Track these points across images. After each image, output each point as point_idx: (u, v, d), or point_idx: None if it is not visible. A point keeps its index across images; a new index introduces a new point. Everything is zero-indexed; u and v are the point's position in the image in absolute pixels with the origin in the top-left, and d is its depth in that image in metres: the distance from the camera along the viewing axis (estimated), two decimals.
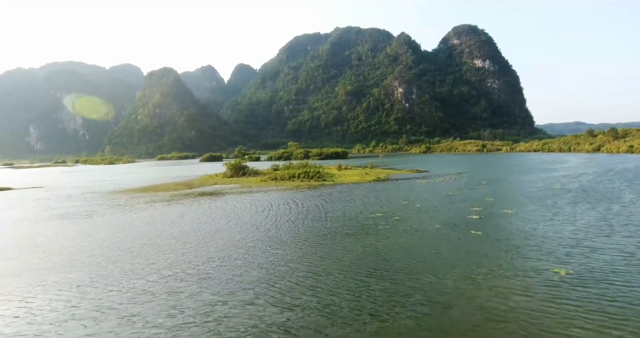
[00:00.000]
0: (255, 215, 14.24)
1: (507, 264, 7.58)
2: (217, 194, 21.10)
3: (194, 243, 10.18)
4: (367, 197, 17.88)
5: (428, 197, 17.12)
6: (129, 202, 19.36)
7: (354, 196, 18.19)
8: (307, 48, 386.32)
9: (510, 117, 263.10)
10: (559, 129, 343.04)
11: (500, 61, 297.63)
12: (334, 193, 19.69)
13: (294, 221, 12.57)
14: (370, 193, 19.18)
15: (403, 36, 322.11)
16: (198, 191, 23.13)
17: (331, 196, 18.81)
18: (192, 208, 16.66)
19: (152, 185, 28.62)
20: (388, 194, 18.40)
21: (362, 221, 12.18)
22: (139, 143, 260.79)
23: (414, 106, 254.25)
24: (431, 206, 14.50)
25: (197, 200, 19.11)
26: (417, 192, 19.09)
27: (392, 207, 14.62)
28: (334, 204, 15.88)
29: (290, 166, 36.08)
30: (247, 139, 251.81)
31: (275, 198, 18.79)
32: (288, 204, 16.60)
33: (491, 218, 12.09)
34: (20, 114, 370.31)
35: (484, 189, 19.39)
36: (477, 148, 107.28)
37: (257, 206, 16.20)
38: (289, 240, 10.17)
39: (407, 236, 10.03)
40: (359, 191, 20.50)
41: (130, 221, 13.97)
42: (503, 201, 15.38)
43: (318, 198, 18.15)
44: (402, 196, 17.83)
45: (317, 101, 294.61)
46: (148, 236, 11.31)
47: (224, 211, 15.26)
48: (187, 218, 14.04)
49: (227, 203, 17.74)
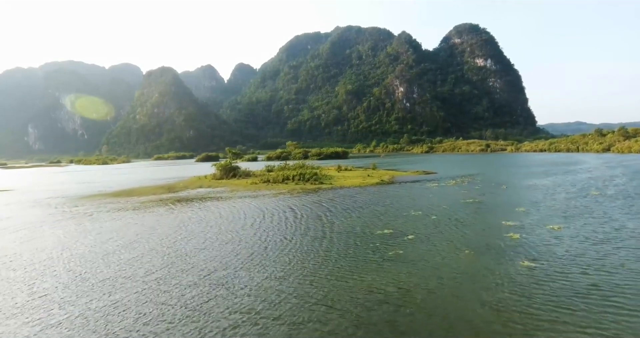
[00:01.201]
0: (233, 231, 11.41)
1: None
2: (198, 201, 18.29)
3: (137, 282, 7.35)
4: (370, 205, 15.04)
5: (444, 205, 14.28)
6: (93, 210, 16.56)
7: (354, 204, 15.35)
8: (307, 47, 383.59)
9: (512, 117, 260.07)
10: (560, 129, 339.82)
11: (502, 60, 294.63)
12: (332, 200, 16.86)
13: (277, 245, 9.71)
14: (374, 200, 16.34)
15: (404, 35, 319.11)
16: (178, 196, 20.30)
17: (328, 203, 15.98)
18: (163, 218, 13.84)
19: (131, 188, 25.80)
20: (395, 202, 15.55)
21: (366, 242, 9.33)
22: (137, 143, 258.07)
23: (415, 106, 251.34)
24: (452, 219, 11.66)
25: (172, 208, 16.29)
26: (430, 198, 16.24)
27: (402, 220, 11.78)
28: (331, 216, 13.03)
29: (285, 167, 33.26)
30: (246, 139, 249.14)
31: (263, 206, 15.96)
32: (276, 215, 13.77)
33: (537, 238, 9.23)
34: (19, 113, 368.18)
35: (508, 195, 16.54)
36: (481, 148, 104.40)
37: (238, 218, 13.37)
38: (268, 278, 7.35)
39: (429, 270, 7.19)
40: (360, 197, 17.67)
41: (73, 238, 11.15)
42: (539, 212, 12.53)
43: (312, 206, 15.31)
44: (412, 203, 15.00)
45: (317, 100, 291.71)
46: (74, 268, 8.48)
47: (198, 224, 12.44)
48: (148, 236, 11.21)
49: (206, 212, 14.91)
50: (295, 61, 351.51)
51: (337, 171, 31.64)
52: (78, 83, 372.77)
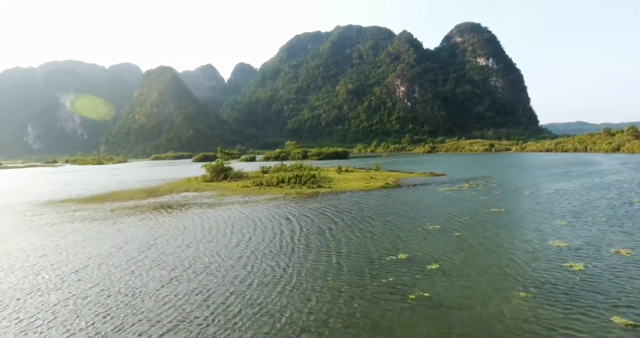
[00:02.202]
0: (212, 254, 9.12)
1: None
2: (179, 208, 16.00)
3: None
4: (376, 216, 12.73)
5: (466, 216, 11.97)
6: (56, 219, 14.29)
7: (356, 215, 13.04)
8: (307, 47, 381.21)
9: (514, 117, 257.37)
10: (561, 128, 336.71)
11: (504, 59, 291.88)
12: (331, 209, 14.56)
13: (266, 279, 7.39)
14: (380, 209, 14.02)
15: (405, 34, 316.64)
16: (158, 202, 18.02)
17: (326, 212, 13.67)
18: (131, 233, 11.56)
19: (111, 192, 23.52)
20: (405, 211, 13.23)
21: (375, 275, 6.96)
22: (135, 143, 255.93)
23: (416, 105, 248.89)
24: (482, 237, 9.34)
25: (146, 218, 14.00)
26: (446, 207, 13.92)
27: (418, 238, 9.47)
28: (330, 233, 10.73)
29: (282, 167, 30.97)
30: (246, 139, 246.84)
31: (253, 215, 13.67)
32: (268, 230, 11.48)
33: (610, 269, 6.83)
34: (18, 113, 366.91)
35: (538, 203, 14.19)
36: (485, 148, 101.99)
37: (222, 233, 11.09)
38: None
39: (472, 332, 4.85)
40: (363, 204, 15.36)
41: (7, 263, 8.86)
42: (587, 226, 10.20)
43: (306, 217, 13.00)
44: (426, 213, 12.69)
45: (317, 100, 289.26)
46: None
47: (171, 242, 10.17)
48: (104, 259, 8.93)
49: (185, 224, 12.63)
50: (295, 61, 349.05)
51: (338, 173, 29.34)
52: (77, 83, 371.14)
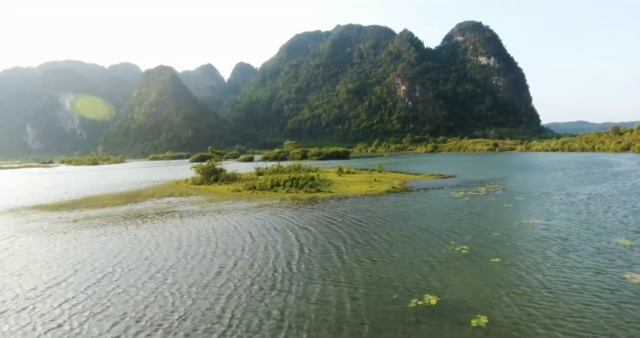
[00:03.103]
0: (181, 292, 6.90)
1: None
2: (155, 218, 13.80)
3: None
4: (389, 229, 10.51)
5: (497, 232, 9.72)
6: (8, 232, 12.10)
7: (366, 228, 10.81)
8: (307, 46, 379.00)
9: (516, 116, 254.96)
10: (562, 128, 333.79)
11: (505, 58, 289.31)
12: (334, 217, 12.35)
13: None
14: (392, 220, 11.79)
15: (405, 33, 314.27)
16: (134, 210, 15.81)
17: (329, 224, 11.45)
18: (85, 254, 9.37)
19: (89, 197, 21.31)
20: (420, 225, 10.98)
21: (395, 327, 4.79)
22: (134, 143, 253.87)
23: (417, 105, 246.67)
24: (532, 267, 7.06)
25: (113, 231, 11.80)
26: (468, 218, 11.68)
27: (446, 268, 7.21)
28: (334, 254, 8.51)
29: (278, 168, 28.76)
30: (246, 139, 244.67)
31: (240, 228, 11.46)
32: (251, 248, 9.28)
33: None
34: (17, 113, 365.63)
35: (578, 213, 11.91)
36: (489, 148, 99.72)
37: (201, 255, 8.89)
38: None
39: None
40: (371, 212, 13.14)
41: None
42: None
43: (306, 230, 10.78)
44: (446, 228, 10.45)
45: (317, 99, 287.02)
46: None
47: (133, 270, 7.96)
48: (38, 296, 6.73)
49: (157, 240, 10.44)
50: (295, 60, 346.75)
51: (338, 175, 27.10)
52: (77, 83, 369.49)
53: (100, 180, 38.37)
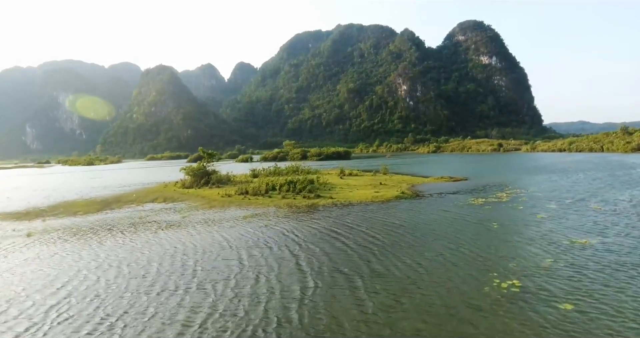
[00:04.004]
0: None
1: None
2: (127, 229, 11.78)
3: None
4: (403, 252, 8.46)
5: (550, 257, 7.61)
6: None
7: (375, 249, 8.76)
8: (308, 46, 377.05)
9: (518, 116, 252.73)
10: (563, 128, 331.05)
11: (507, 58, 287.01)
12: (335, 232, 10.31)
13: None
14: (407, 237, 9.74)
15: (406, 32, 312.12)
16: (107, 218, 13.79)
17: (334, 240, 9.41)
18: (21, 284, 7.37)
19: (63, 202, 19.30)
20: (450, 241, 8.93)
21: None
22: (133, 142, 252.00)
23: (418, 104, 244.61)
24: (615, 313, 5.06)
25: (71, 248, 9.80)
26: (502, 233, 9.62)
27: (492, 318, 5.17)
28: (347, 289, 6.46)
29: (275, 170, 26.74)
30: (246, 139, 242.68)
31: (223, 245, 9.45)
32: (239, 278, 7.28)
33: None
34: (17, 113, 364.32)
35: (634, 227, 9.90)
36: (493, 148, 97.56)
37: (166, 284, 6.90)
38: None
39: None
40: (379, 225, 11.09)
41: None
42: None
43: (308, 250, 8.74)
44: (482, 248, 8.41)
45: (318, 99, 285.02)
46: None
47: (66, 311, 5.95)
48: None
49: (119, 261, 8.46)
50: (296, 60, 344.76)
51: (340, 177, 25.04)
52: (76, 82, 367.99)
53: (89, 182, 36.39)
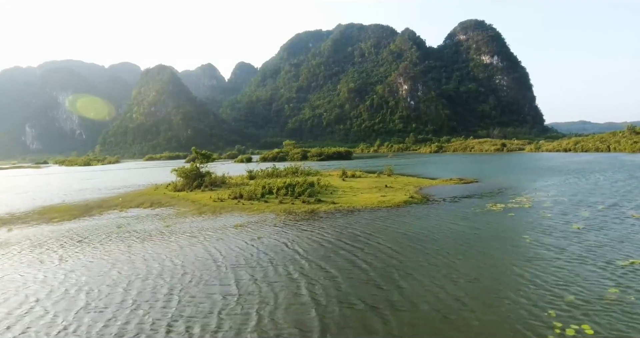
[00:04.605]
0: None
1: None
2: (96, 241, 10.26)
3: None
4: (427, 276, 6.92)
5: (612, 288, 6.06)
6: None
7: (391, 271, 7.21)
8: (308, 45, 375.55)
9: (519, 116, 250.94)
10: (564, 128, 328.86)
11: (509, 57, 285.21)
12: (341, 247, 8.76)
13: None
14: (428, 254, 8.19)
15: (407, 32, 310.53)
16: (79, 227, 12.27)
17: (334, 260, 7.85)
18: None
19: (42, 208, 17.79)
20: (474, 263, 7.40)
21: None
22: (133, 142, 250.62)
23: (419, 104, 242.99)
24: None
25: (15, 268, 8.27)
26: (538, 250, 8.06)
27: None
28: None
29: (273, 171, 25.20)
30: (245, 139, 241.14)
31: (208, 264, 7.93)
32: (224, 320, 5.71)
33: None
34: (16, 112, 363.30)
35: None
36: (496, 148, 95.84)
37: (124, 328, 5.31)
38: None
39: None
40: (391, 238, 9.53)
41: None
42: None
43: (303, 278, 7.18)
44: (515, 271, 6.87)
45: (318, 98, 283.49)
46: None
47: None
48: None
49: (67, 287, 6.95)
50: (296, 59, 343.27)
51: (342, 179, 23.48)
52: (76, 82, 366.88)
53: (80, 184, 34.92)
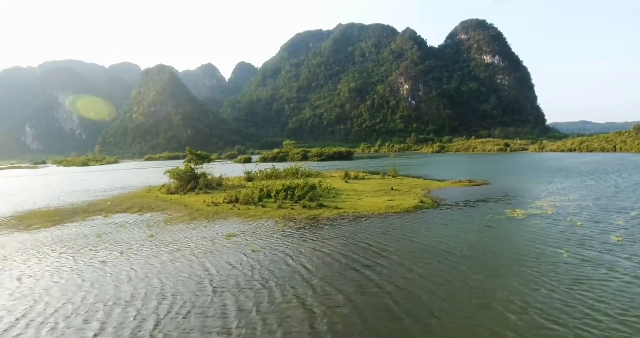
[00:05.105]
0: None
1: None
2: (62, 253, 9.06)
3: None
4: (461, 307, 5.70)
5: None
6: None
7: (415, 296, 5.97)
8: (309, 45, 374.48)
9: (521, 115, 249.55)
10: (565, 128, 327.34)
11: (510, 57, 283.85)
12: (352, 263, 7.54)
13: None
14: (454, 275, 6.98)
15: (408, 31, 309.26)
16: (53, 237, 11.07)
17: (345, 278, 6.63)
18: None
19: (19, 213, 16.61)
20: (512, 289, 6.19)
21: None
22: (132, 142, 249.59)
23: (420, 104, 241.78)
24: None
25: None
26: (581, 267, 6.86)
27: None
28: None
29: (272, 173, 23.98)
30: (246, 139, 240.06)
31: (185, 289, 6.70)
32: None
33: None
34: (16, 112, 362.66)
35: None
36: (499, 148, 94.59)
37: None
38: None
39: None
40: (409, 252, 8.31)
41: None
42: None
43: (312, 302, 5.93)
44: (565, 298, 5.66)
45: (319, 98, 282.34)
46: None
47: None
48: None
49: (10, 311, 5.68)
50: (296, 59, 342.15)
51: (345, 181, 22.26)
52: (76, 82, 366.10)
53: (74, 185, 33.74)
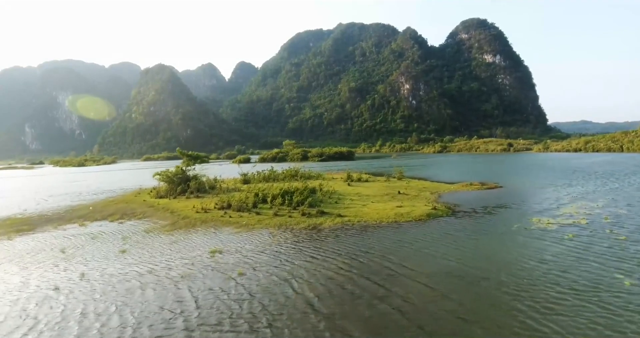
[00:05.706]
0: None
1: None
2: (17, 273, 7.63)
3: None
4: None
5: None
6: None
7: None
8: (309, 45, 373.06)
9: (522, 115, 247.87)
10: (566, 128, 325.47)
11: (511, 56, 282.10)
12: (364, 298, 6.11)
13: None
14: (504, 311, 5.50)
15: (409, 31, 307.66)
16: (9, 251, 9.67)
17: (366, 321, 5.21)
18: None
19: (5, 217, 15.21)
20: (584, 331, 4.78)
21: None
22: (132, 142, 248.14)
23: (421, 103, 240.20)
24: None
25: None
26: (636, 297, 5.49)
27: None
28: None
29: (270, 175, 22.54)
30: (246, 139, 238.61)
31: (150, 324, 5.23)
32: None
33: None
34: (16, 112, 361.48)
35: None
36: (502, 148, 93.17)
37: None
38: None
39: None
40: (438, 276, 6.89)
41: None
42: None
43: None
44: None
45: (319, 98, 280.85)
46: None
47: None
48: None
49: None
50: (296, 59, 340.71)
51: (347, 184, 20.82)
52: (76, 82, 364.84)
53: (64, 187, 32.35)
